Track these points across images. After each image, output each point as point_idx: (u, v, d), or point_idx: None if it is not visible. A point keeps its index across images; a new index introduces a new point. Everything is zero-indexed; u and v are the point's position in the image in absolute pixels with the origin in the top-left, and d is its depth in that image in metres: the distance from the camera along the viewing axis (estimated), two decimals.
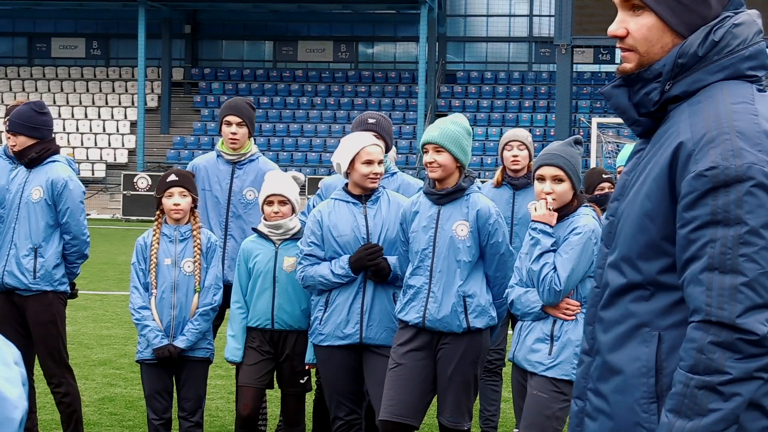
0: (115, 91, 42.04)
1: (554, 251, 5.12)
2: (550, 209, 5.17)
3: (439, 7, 39.86)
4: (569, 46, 33.07)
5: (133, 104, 40.71)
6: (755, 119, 2.50)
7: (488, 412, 7.11)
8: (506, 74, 41.05)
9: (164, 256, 6.05)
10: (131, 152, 38.92)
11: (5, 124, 6.67)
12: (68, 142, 38.72)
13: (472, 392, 5.58)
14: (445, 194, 5.48)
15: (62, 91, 41.87)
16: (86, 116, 40.65)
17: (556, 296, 5.07)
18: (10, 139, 6.63)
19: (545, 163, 5.17)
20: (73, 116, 40.56)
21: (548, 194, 5.16)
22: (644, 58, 2.63)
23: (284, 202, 6.01)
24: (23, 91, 41.53)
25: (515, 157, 6.97)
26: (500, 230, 5.51)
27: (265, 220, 6.07)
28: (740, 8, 2.65)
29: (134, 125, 39.52)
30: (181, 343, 6.01)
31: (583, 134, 33.22)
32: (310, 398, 6.88)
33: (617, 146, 30.58)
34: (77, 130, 39.95)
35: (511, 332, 6.86)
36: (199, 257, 6.06)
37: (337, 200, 5.81)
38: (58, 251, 6.53)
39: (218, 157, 6.87)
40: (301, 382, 6.08)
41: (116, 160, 38.73)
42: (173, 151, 38.28)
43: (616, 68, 2.75)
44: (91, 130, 40.07)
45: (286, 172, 6.38)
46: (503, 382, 7.33)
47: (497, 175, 7.07)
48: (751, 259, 2.42)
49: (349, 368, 5.78)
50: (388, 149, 6.14)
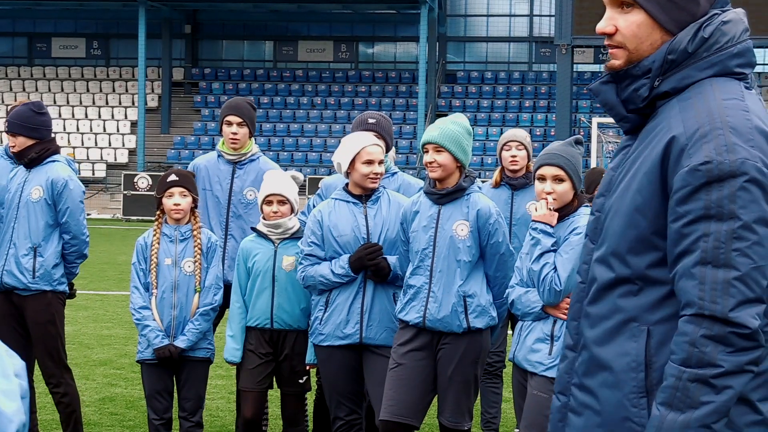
0: (115, 91, 42.04)
1: (555, 251, 5.11)
2: (550, 209, 5.17)
3: (439, 7, 39.86)
4: (569, 46, 33.06)
5: (133, 104, 40.71)
6: (746, 115, 2.52)
7: (489, 414, 7.10)
8: (506, 74, 41.05)
9: (165, 256, 6.05)
10: (131, 152, 38.92)
11: (5, 124, 6.68)
12: (68, 142, 38.72)
13: (472, 392, 5.58)
14: (445, 194, 5.48)
15: (62, 91, 41.86)
16: (86, 116, 40.64)
17: (556, 296, 5.07)
18: (9, 139, 6.64)
19: (546, 162, 5.16)
20: (73, 116, 40.56)
21: (549, 194, 5.16)
22: (633, 54, 2.65)
23: (283, 201, 6.02)
24: (23, 91, 41.53)
25: (513, 157, 6.97)
26: (500, 230, 5.51)
27: (264, 219, 6.07)
28: (726, 6, 2.68)
29: (134, 125, 39.53)
30: (181, 343, 6.01)
31: (583, 134, 33.22)
32: (310, 398, 6.87)
33: (617, 146, 30.54)
34: (77, 130, 39.95)
35: (510, 333, 6.86)
36: (199, 257, 6.06)
37: (337, 200, 5.80)
38: (57, 251, 6.53)
39: (219, 157, 6.87)
40: (300, 381, 6.08)
41: (116, 160, 38.73)
42: (173, 151, 38.28)
43: (604, 65, 2.77)
44: (91, 130, 40.07)
45: (285, 171, 6.37)
46: (503, 383, 7.33)
47: (496, 175, 7.07)
48: (743, 253, 2.44)
49: (349, 368, 5.78)
50: (388, 149, 6.14)
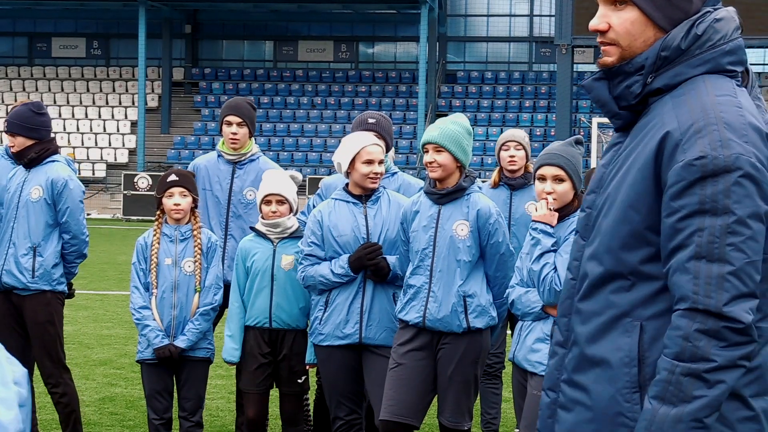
0: (115, 90, 42.04)
1: (555, 251, 5.11)
2: (550, 209, 5.16)
3: (439, 6, 39.85)
4: (569, 46, 33.06)
5: (133, 104, 40.71)
6: (740, 111, 2.54)
7: (489, 415, 7.10)
8: (507, 74, 41.05)
9: (165, 255, 6.05)
10: (132, 152, 38.92)
11: (4, 124, 6.68)
12: (69, 141, 38.73)
13: (472, 392, 5.57)
14: (445, 194, 5.48)
15: (62, 90, 41.87)
16: (87, 116, 40.64)
17: (556, 296, 5.06)
18: (9, 139, 6.65)
19: (546, 162, 5.16)
20: (73, 116, 40.56)
21: (549, 194, 5.16)
22: (626, 51, 2.66)
23: (282, 201, 6.01)
24: (23, 90, 41.53)
25: (512, 157, 6.98)
26: (500, 230, 5.50)
27: (262, 219, 6.07)
28: (717, 4, 2.70)
29: (135, 125, 39.52)
30: (181, 342, 6.01)
31: (583, 134, 33.23)
32: (311, 398, 6.87)
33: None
34: (78, 129, 39.95)
35: (509, 333, 6.86)
36: (199, 257, 6.06)
37: (337, 200, 5.80)
38: (57, 250, 6.53)
39: (219, 157, 6.87)
40: (299, 381, 6.08)
41: (117, 159, 38.74)
42: (173, 150, 38.28)
43: (596, 61, 2.77)
44: (91, 129, 40.07)
45: (285, 171, 6.37)
46: (503, 383, 7.33)
47: (494, 175, 7.07)
48: (737, 248, 2.44)
49: (348, 368, 5.78)
50: (388, 149, 6.13)
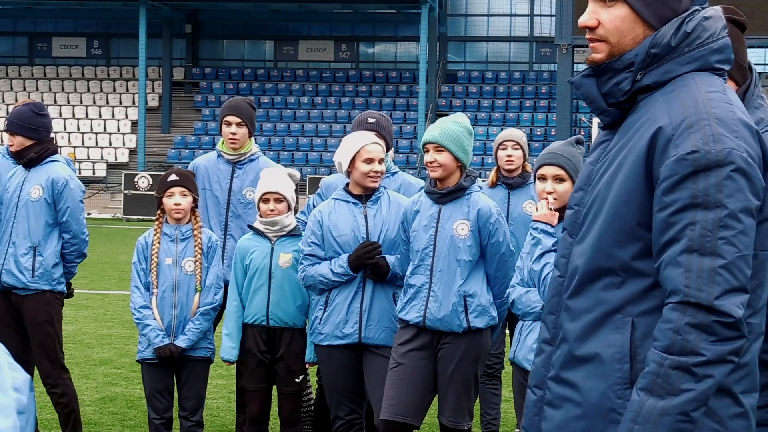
0: (115, 90, 42.05)
1: (555, 251, 5.11)
2: (551, 209, 5.16)
3: (440, 6, 39.86)
4: (570, 45, 33.06)
5: (133, 104, 40.72)
6: (730, 108, 2.55)
7: (489, 416, 7.10)
8: (507, 74, 41.05)
9: (165, 255, 6.05)
10: (132, 152, 38.94)
11: (5, 123, 6.68)
12: (69, 141, 38.74)
13: (472, 392, 5.57)
14: (445, 193, 5.47)
15: (63, 90, 41.88)
16: (87, 116, 40.65)
17: None
18: (8, 138, 6.65)
19: (546, 162, 5.16)
20: (74, 116, 40.57)
21: (549, 194, 5.15)
22: (615, 48, 2.67)
23: (280, 199, 6.01)
24: (24, 90, 41.54)
25: (509, 156, 6.99)
26: (501, 230, 5.50)
27: (260, 217, 6.07)
28: (705, 3, 2.71)
29: (135, 125, 39.54)
30: (182, 342, 6.01)
31: (584, 134, 33.23)
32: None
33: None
34: (78, 129, 39.96)
35: (508, 333, 6.86)
36: (200, 257, 6.06)
37: (337, 200, 5.80)
38: (57, 250, 6.53)
39: (218, 156, 6.88)
40: (296, 381, 6.06)
41: (117, 159, 38.75)
42: (174, 150, 38.29)
43: (585, 58, 2.77)
44: (92, 129, 40.08)
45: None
46: (502, 384, 7.33)
47: (492, 175, 7.08)
48: (729, 242, 2.45)
49: (348, 368, 5.77)
50: (388, 149, 6.13)
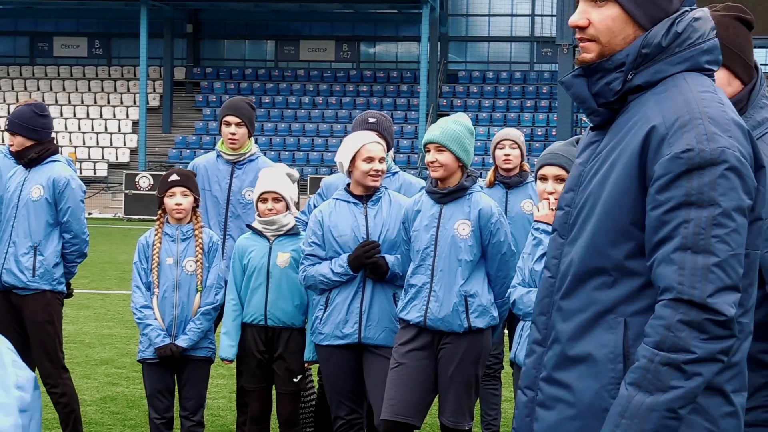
0: (116, 90, 42.05)
1: None
2: (552, 209, 5.16)
3: (441, 6, 39.86)
4: (571, 45, 33.04)
5: (134, 103, 40.71)
6: (722, 107, 2.57)
7: (489, 416, 7.10)
8: (508, 74, 41.04)
9: (166, 255, 6.05)
10: (133, 151, 38.93)
11: (6, 123, 6.69)
12: (70, 141, 38.74)
13: (473, 392, 5.57)
14: (447, 193, 5.48)
15: (64, 90, 41.88)
16: (88, 115, 40.66)
17: None
18: (9, 138, 6.66)
19: (547, 162, 5.16)
20: (75, 115, 40.57)
21: (551, 194, 5.16)
22: (605, 48, 2.67)
23: (278, 199, 6.01)
24: (25, 90, 41.55)
25: (507, 156, 7.01)
26: (502, 230, 5.50)
27: (259, 216, 6.07)
28: (693, 5, 2.73)
29: (136, 124, 39.54)
30: (182, 342, 6.01)
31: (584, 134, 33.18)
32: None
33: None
34: (79, 129, 39.96)
35: (507, 333, 6.85)
36: (200, 256, 6.07)
37: (338, 200, 5.81)
38: (57, 250, 6.53)
39: (218, 157, 6.87)
40: (294, 381, 6.06)
41: (118, 159, 38.75)
42: (175, 150, 38.28)
43: (575, 58, 2.78)
44: (92, 129, 40.09)
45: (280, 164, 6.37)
46: (502, 384, 7.33)
47: (489, 175, 7.09)
48: (723, 240, 2.46)
49: (349, 368, 5.77)
50: (389, 148, 6.13)
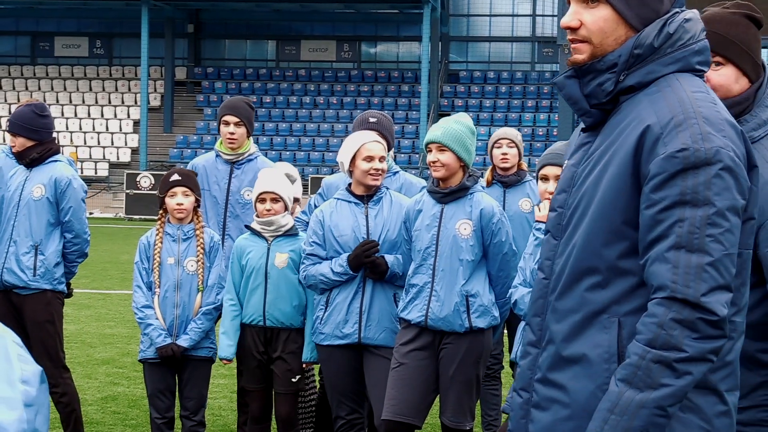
0: (118, 90, 42.06)
1: None
2: None
3: (442, 6, 39.86)
4: None
5: (136, 103, 40.72)
6: (716, 107, 2.58)
7: (490, 417, 7.09)
8: (509, 74, 41.04)
9: (167, 255, 6.06)
10: (134, 151, 38.94)
11: (7, 124, 6.69)
12: (71, 141, 38.73)
13: (474, 392, 5.57)
14: (448, 193, 5.48)
15: (65, 90, 41.89)
16: (89, 115, 40.67)
17: None
18: (10, 139, 6.66)
19: (549, 162, 5.16)
20: (76, 115, 40.58)
21: (552, 194, 5.15)
22: (597, 49, 2.68)
23: (276, 199, 6.01)
24: (26, 90, 41.55)
25: (504, 155, 7.02)
26: (503, 229, 5.51)
27: (257, 217, 6.08)
28: (683, 6, 2.74)
29: (137, 124, 39.55)
30: (184, 342, 6.01)
31: None
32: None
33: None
34: (80, 129, 39.98)
35: (506, 333, 6.84)
36: (202, 256, 6.07)
37: (339, 200, 5.81)
38: (58, 249, 6.53)
39: (217, 156, 6.87)
40: (293, 381, 6.05)
41: (119, 159, 38.76)
42: (176, 150, 38.29)
43: (567, 59, 2.78)
44: (94, 129, 40.10)
45: (279, 162, 6.37)
46: (503, 384, 7.32)
47: (487, 174, 7.10)
48: (716, 239, 2.47)
49: (349, 368, 5.77)
50: (389, 148, 6.13)
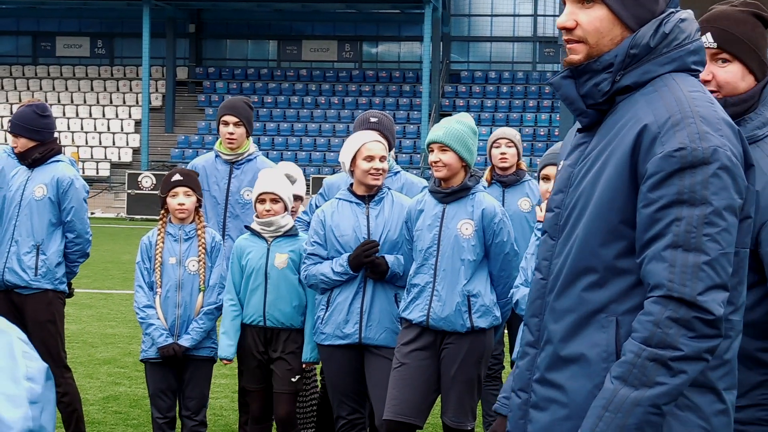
0: (119, 90, 42.08)
1: None
2: None
3: (443, 6, 39.87)
4: None
5: (137, 103, 40.74)
6: (713, 106, 2.59)
7: (491, 417, 7.09)
8: (510, 74, 41.04)
9: (169, 255, 6.06)
10: (135, 151, 38.96)
11: (8, 124, 6.70)
12: (73, 141, 38.75)
13: (475, 392, 5.57)
14: (450, 193, 5.48)
15: (67, 90, 41.90)
16: (91, 115, 40.68)
17: None
18: (12, 140, 6.66)
19: (550, 162, 5.16)
20: (77, 115, 40.60)
21: None
22: (593, 49, 2.68)
23: (276, 200, 6.01)
24: (28, 90, 41.57)
25: (503, 154, 7.02)
26: (505, 229, 5.51)
27: (257, 217, 6.08)
28: (677, 6, 2.74)
29: (138, 124, 39.56)
30: (185, 341, 6.02)
31: None
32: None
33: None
34: (82, 129, 39.99)
35: (506, 333, 6.84)
36: (203, 256, 6.07)
37: (341, 200, 5.81)
38: (60, 249, 6.54)
39: (216, 157, 6.87)
40: (292, 380, 6.05)
41: (120, 159, 38.78)
42: (177, 150, 38.31)
43: (562, 59, 2.78)
44: (95, 129, 40.11)
45: (280, 163, 6.36)
46: (502, 384, 7.33)
47: (486, 174, 7.10)
48: (713, 239, 2.47)
49: (350, 368, 5.77)
50: (390, 148, 6.14)
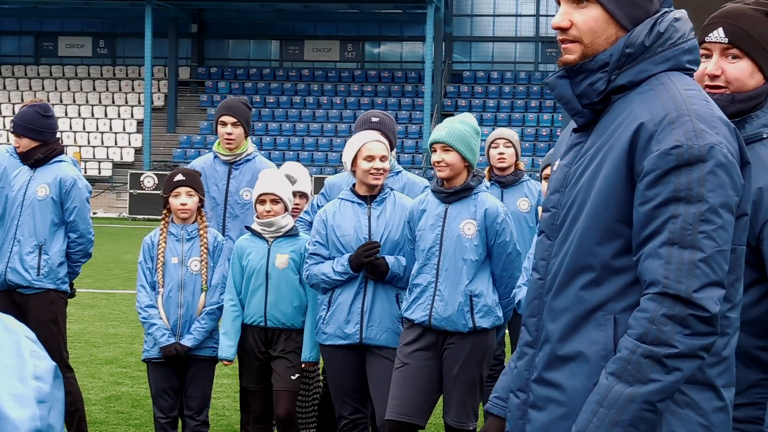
0: (121, 90, 42.09)
1: None
2: None
3: (445, 6, 39.87)
4: None
5: (139, 103, 40.75)
6: (708, 105, 2.59)
7: None
8: (513, 74, 41.04)
9: (171, 255, 6.06)
10: (138, 151, 38.97)
11: (11, 124, 6.70)
12: (75, 140, 38.78)
13: (477, 392, 5.58)
14: (452, 193, 5.48)
15: (69, 89, 41.92)
16: (93, 115, 40.70)
17: None
18: (15, 140, 6.67)
19: (552, 162, 5.15)
20: (79, 115, 40.61)
21: None
22: (588, 49, 2.69)
23: (276, 200, 6.02)
24: (30, 89, 41.59)
25: (501, 155, 7.02)
26: (508, 229, 5.51)
27: (257, 218, 6.08)
28: (671, 6, 2.75)
29: (141, 124, 39.58)
30: (187, 341, 6.02)
31: None
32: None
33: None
34: (84, 128, 40.01)
35: (507, 333, 6.83)
36: (205, 256, 6.08)
37: (343, 200, 5.82)
38: (62, 249, 6.54)
39: (215, 157, 6.86)
40: (292, 378, 6.04)
41: (123, 158, 38.79)
42: (179, 150, 38.32)
43: (558, 59, 2.78)
44: (97, 128, 40.13)
45: (283, 163, 6.37)
46: None
47: (485, 174, 7.09)
48: (709, 236, 2.48)
49: (352, 368, 5.78)
50: (392, 148, 6.14)
